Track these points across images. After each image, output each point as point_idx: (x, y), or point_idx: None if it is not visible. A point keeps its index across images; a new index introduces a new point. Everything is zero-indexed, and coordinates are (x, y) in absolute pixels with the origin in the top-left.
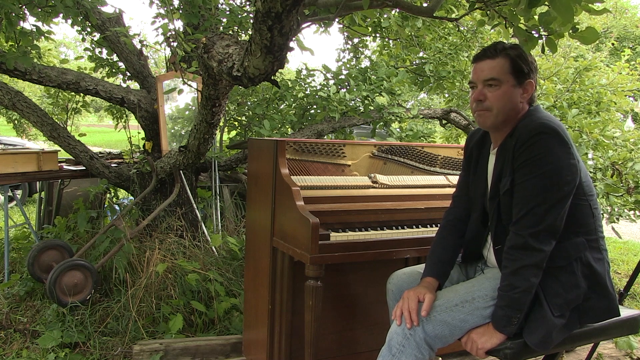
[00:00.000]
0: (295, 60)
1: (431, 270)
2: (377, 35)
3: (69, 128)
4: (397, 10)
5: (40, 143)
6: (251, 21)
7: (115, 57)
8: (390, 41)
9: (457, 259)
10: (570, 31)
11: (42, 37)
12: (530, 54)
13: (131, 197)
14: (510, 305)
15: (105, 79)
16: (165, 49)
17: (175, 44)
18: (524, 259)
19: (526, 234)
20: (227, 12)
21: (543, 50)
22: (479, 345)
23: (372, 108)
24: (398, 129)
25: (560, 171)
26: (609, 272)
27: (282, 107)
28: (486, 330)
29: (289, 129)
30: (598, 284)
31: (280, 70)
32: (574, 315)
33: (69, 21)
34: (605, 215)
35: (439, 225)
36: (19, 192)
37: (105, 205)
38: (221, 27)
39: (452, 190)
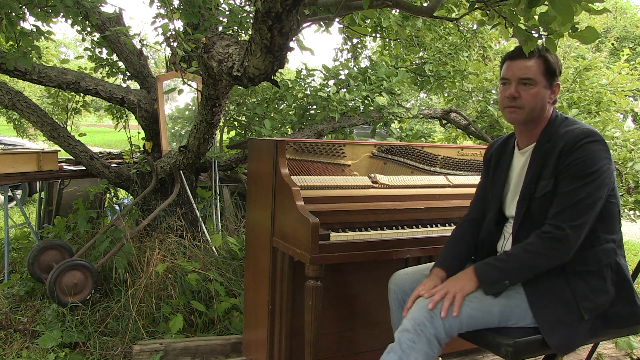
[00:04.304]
0: (295, 60)
1: (441, 263)
2: (377, 35)
3: (69, 128)
4: (397, 10)
5: (40, 143)
6: (251, 21)
7: (115, 57)
8: (391, 41)
9: (470, 256)
10: (570, 31)
11: (42, 37)
12: (556, 56)
13: (131, 197)
14: (511, 273)
15: (105, 79)
16: (165, 49)
17: (175, 44)
18: (558, 249)
19: (567, 226)
20: (227, 12)
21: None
22: (457, 290)
23: (372, 108)
24: (398, 129)
25: (602, 174)
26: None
27: (282, 107)
28: (463, 276)
29: (289, 129)
30: (625, 290)
31: (280, 70)
32: (600, 321)
33: (69, 21)
34: None
35: (439, 225)
36: (19, 192)
37: (105, 205)
38: (221, 27)
39: (452, 190)
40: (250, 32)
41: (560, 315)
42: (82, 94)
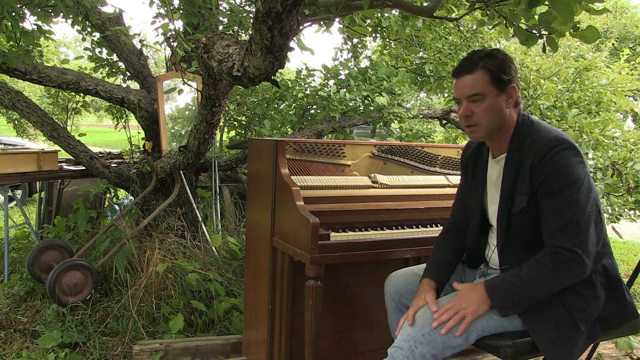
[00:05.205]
0: (295, 60)
1: (429, 273)
2: (377, 35)
3: (69, 128)
4: (398, 10)
5: (40, 143)
6: (251, 21)
7: (115, 57)
8: (391, 41)
9: (457, 262)
10: (571, 30)
11: (43, 37)
12: (509, 56)
13: (131, 197)
14: (528, 297)
15: (105, 79)
16: (165, 49)
17: (175, 44)
18: (576, 270)
19: (573, 245)
20: (227, 12)
21: (544, 50)
22: (468, 312)
23: (372, 108)
24: (398, 129)
25: (582, 181)
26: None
27: (282, 107)
28: (475, 297)
29: (289, 129)
30: (614, 290)
31: (280, 70)
32: (596, 325)
33: (69, 21)
34: (605, 215)
35: (439, 225)
36: (19, 192)
37: (105, 205)
38: (221, 27)
39: (452, 190)
40: (250, 32)
41: (557, 332)
42: (82, 94)
